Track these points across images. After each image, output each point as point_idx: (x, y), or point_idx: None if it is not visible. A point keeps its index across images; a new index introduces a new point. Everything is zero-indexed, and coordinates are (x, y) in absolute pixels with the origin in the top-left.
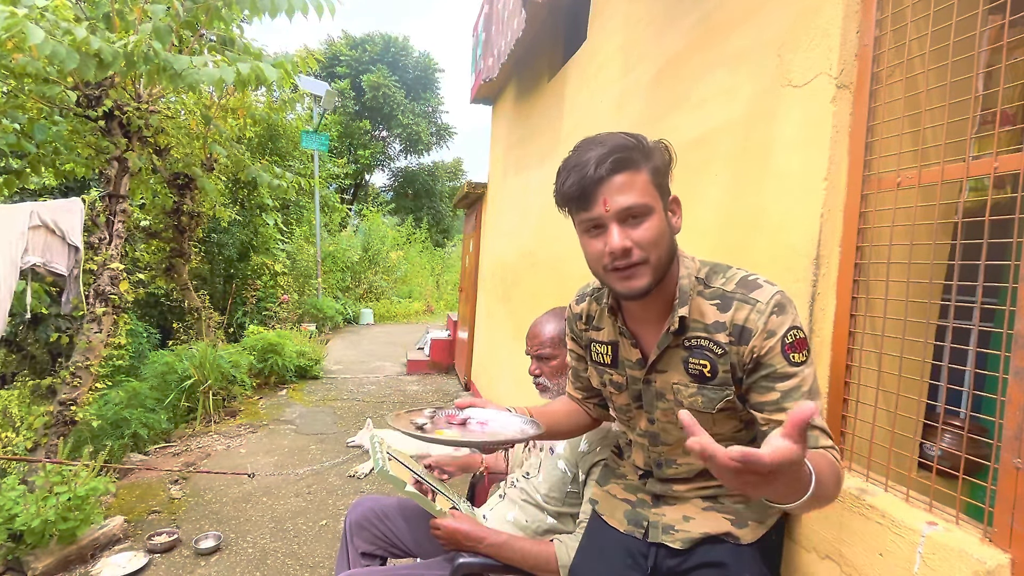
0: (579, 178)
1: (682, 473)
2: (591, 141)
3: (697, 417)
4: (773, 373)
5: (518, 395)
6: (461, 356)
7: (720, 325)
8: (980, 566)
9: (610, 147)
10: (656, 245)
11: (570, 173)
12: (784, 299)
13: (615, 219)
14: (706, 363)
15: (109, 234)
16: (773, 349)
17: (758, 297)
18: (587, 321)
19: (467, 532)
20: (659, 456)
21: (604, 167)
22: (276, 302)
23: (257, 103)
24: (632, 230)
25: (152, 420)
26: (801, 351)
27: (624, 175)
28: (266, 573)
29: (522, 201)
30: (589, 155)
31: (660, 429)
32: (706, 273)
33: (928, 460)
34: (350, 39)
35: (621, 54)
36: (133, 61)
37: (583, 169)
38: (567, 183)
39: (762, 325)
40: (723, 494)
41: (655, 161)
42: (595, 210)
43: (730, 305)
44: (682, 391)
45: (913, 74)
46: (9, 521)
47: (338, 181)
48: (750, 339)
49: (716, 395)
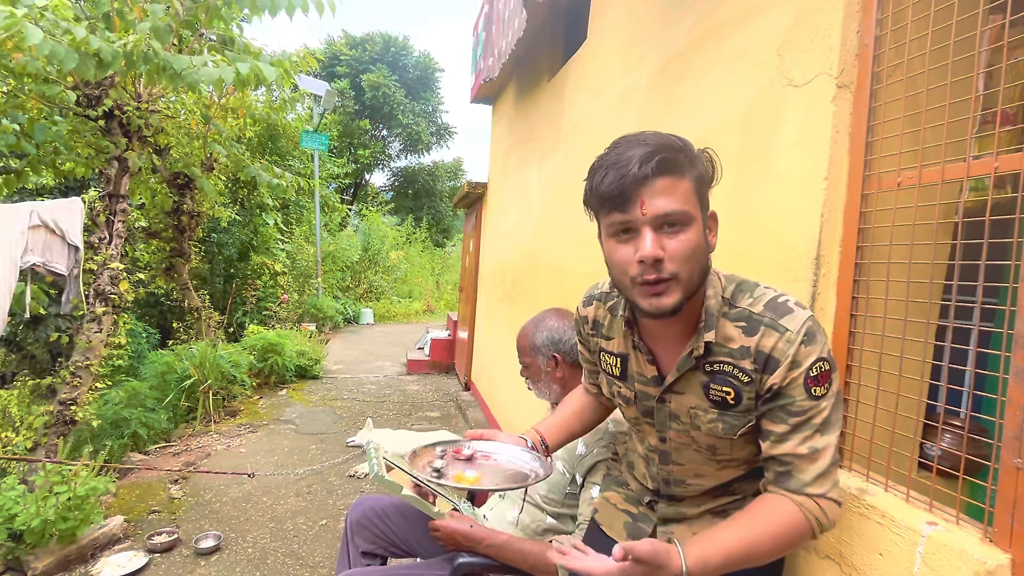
0: (618, 176)
1: (691, 492)
2: (633, 139)
3: (715, 442)
4: (791, 405)
5: (518, 395)
6: (461, 356)
7: (745, 351)
8: (980, 566)
9: (655, 146)
10: (690, 260)
11: (608, 170)
12: (815, 327)
13: (651, 224)
14: (730, 390)
15: (109, 234)
16: (796, 381)
17: (787, 324)
18: (595, 327)
19: (466, 533)
20: (668, 475)
21: (649, 166)
22: (276, 302)
23: (257, 103)
24: (667, 239)
25: (152, 420)
26: (824, 384)
27: (668, 179)
28: (266, 573)
29: (522, 201)
30: (632, 152)
31: (672, 448)
32: (732, 292)
33: (928, 460)
34: (350, 39)
35: (621, 54)
36: (133, 61)
37: (624, 167)
38: (605, 181)
39: (790, 356)
40: (732, 506)
41: (699, 169)
42: (631, 212)
43: (756, 329)
44: (700, 416)
45: (913, 74)
46: (9, 521)
47: (338, 181)
48: (775, 369)
49: (739, 422)
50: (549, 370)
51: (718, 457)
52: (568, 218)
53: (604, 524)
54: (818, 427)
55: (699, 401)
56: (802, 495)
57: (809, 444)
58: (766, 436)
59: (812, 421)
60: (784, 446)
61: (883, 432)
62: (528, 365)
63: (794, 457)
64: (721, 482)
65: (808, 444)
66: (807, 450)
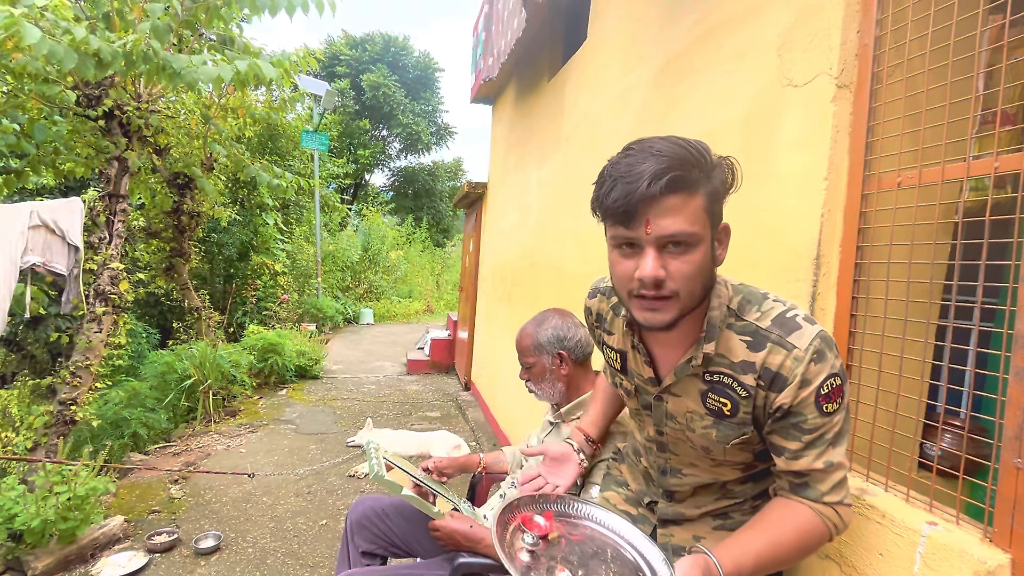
0: (625, 192)
1: (686, 484)
2: (647, 148)
3: (709, 445)
4: (803, 423)
5: (518, 395)
6: (461, 356)
7: (749, 365)
8: (980, 566)
9: (669, 161)
10: (692, 280)
11: (616, 183)
12: (824, 343)
13: (654, 244)
14: (727, 402)
15: (109, 234)
16: (807, 400)
17: (796, 342)
18: (598, 320)
19: (466, 533)
20: (664, 463)
21: (659, 184)
22: (276, 302)
23: (257, 103)
24: (670, 260)
25: (152, 420)
26: (835, 400)
27: (678, 197)
28: (266, 573)
29: (522, 201)
30: (644, 167)
31: (669, 441)
32: (739, 303)
33: (928, 460)
34: (350, 39)
35: (621, 54)
36: (132, 61)
37: (634, 183)
38: (612, 195)
39: (799, 375)
40: (733, 509)
41: (715, 183)
42: (635, 230)
43: (763, 345)
44: (695, 421)
45: (913, 74)
46: (9, 521)
47: (338, 181)
48: (783, 387)
49: (733, 432)
50: (554, 368)
51: (712, 457)
52: (568, 218)
53: None
54: (831, 441)
55: (695, 407)
56: (820, 503)
57: (825, 459)
58: (780, 452)
59: (825, 437)
60: (800, 463)
61: (883, 432)
62: (531, 365)
63: (811, 471)
64: (717, 479)
65: (824, 459)
66: (823, 464)
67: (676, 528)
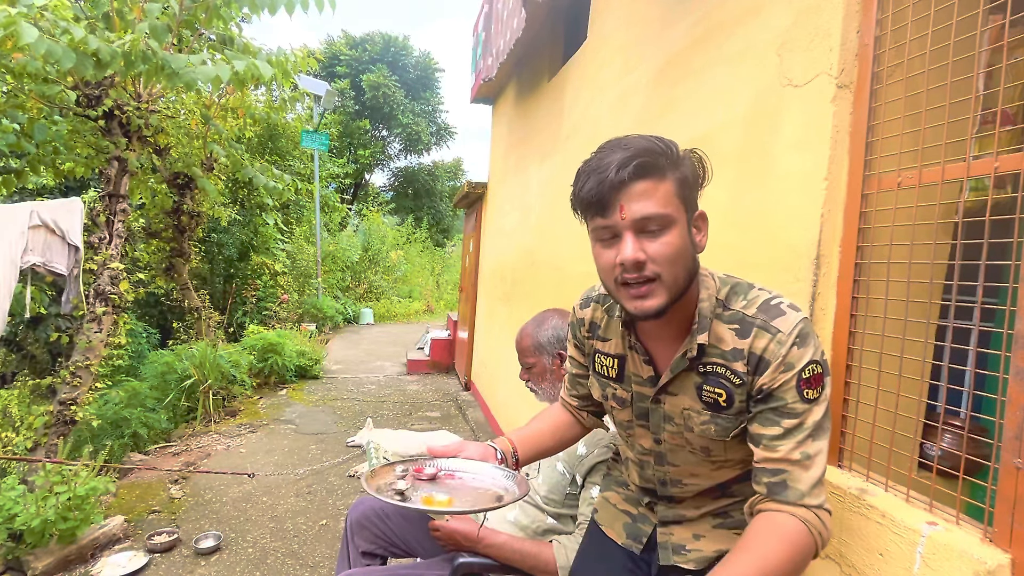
0: (597, 182)
1: (688, 492)
2: (615, 143)
3: (708, 444)
4: (783, 407)
5: (518, 395)
6: (461, 356)
7: (738, 352)
8: (980, 566)
9: (635, 150)
10: (672, 262)
11: (589, 176)
12: (807, 329)
13: (631, 228)
14: (722, 392)
15: (109, 234)
16: (788, 383)
17: (779, 326)
18: (591, 329)
19: (466, 532)
20: (664, 475)
21: (626, 171)
22: (276, 302)
23: (257, 103)
24: (648, 242)
25: (152, 420)
26: (816, 387)
27: (646, 182)
28: (266, 573)
29: (522, 201)
30: (611, 158)
31: (667, 450)
32: (726, 294)
33: (928, 460)
34: (350, 39)
35: (621, 54)
36: (131, 60)
37: (603, 172)
38: (585, 187)
39: (781, 357)
40: (732, 508)
41: (683, 171)
42: (611, 217)
43: (749, 332)
44: (693, 418)
45: (913, 74)
46: (9, 521)
47: (338, 181)
48: (766, 370)
49: (731, 424)
50: (554, 368)
51: (712, 458)
52: (568, 218)
53: (604, 524)
54: (810, 431)
55: (692, 403)
56: (801, 507)
57: (802, 449)
58: (757, 440)
59: (804, 424)
60: (777, 451)
61: (883, 432)
62: (531, 366)
63: (788, 464)
64: (717, 482)
65: (801, 450)
66: (800, 455)
67: (676, 527)
